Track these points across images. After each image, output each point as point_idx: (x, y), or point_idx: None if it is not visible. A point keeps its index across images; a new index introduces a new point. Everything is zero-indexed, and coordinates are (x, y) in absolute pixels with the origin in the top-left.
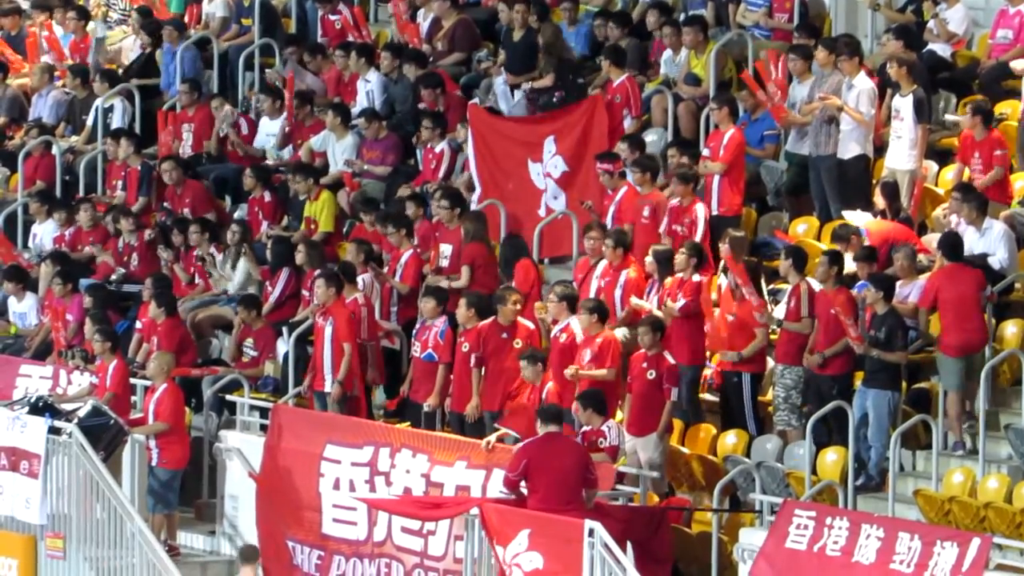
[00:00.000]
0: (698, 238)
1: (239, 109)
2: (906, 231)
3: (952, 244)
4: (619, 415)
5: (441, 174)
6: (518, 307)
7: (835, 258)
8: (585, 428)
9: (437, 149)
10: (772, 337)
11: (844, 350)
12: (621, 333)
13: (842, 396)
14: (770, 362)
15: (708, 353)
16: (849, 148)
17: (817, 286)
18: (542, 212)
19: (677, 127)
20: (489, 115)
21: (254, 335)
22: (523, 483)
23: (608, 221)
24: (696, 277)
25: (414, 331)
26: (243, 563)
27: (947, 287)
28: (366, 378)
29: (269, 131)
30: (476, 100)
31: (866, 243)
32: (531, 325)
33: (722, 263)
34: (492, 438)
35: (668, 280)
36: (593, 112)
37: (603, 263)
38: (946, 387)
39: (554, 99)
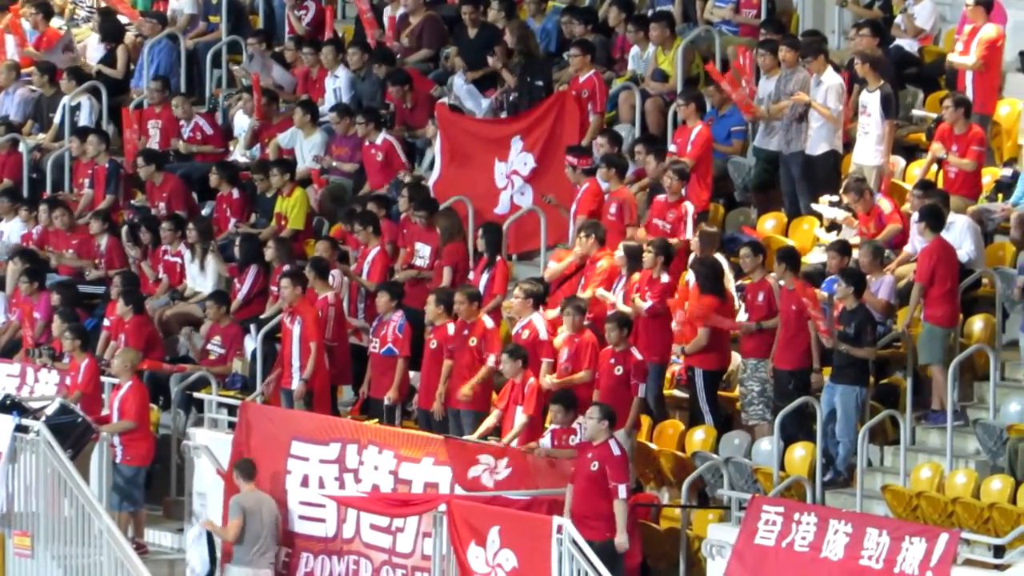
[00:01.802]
0: (686, 235)
1: (207, 107)
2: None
3: (937, 216)
4: None
5: (396, 163)
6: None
7: (784, 255)
8: (556, 425)
9: (378, 141)
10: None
11: (804, 345)
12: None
13: (801, 392)
14: (736, 358)
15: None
16: (818, 144)
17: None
18: (499, 210)
19: (644, 123)
20: (455, 114)
21: (221, 332)
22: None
23: (572, 215)
24: (664, 277)
25: (372, 328)
26: (244, 480)
27: (942, 260)
28: (333, 376)
29: (243, 126)
30: (444, 99)
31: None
32: (490, 323)
33: (691, 257)
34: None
35: (636, 276)
36: (562, 107)
37: (599, 264)
38: (932, 361)
39: (510, 98)
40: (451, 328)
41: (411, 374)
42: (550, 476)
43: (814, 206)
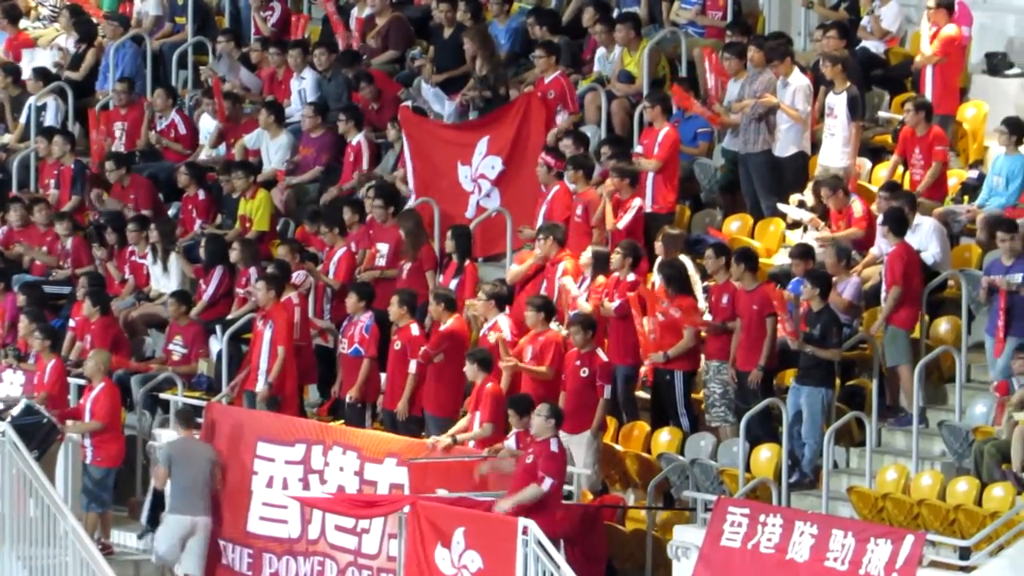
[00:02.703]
0: (620, 225)
1: (176, 106)
2: None
3: (900, 220)
4: None
5: (364, 166)
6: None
7: (743, 256)
8: (520, 428)
9: (354, 142)
10: (703, 334)
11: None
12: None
13: (765, 392)
14: (702, 359)
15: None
16: (787, 146)
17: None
18: (468, 214)
19: (611, 124)
20: (419, 117)
21: (182, 332)
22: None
23: (539, 218)
24: (631, 277)
25: (341, 328)
26: (181, 427)
27: (909, 263)
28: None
29: (209, 128)
30: (408, 101)
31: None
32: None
33: (658, 260)
34: (444, 439)
35: (601, 279)
36: (528, 109)
37: (561, 265)
38: (902, 362)
39: (480, 103)
40: (414, 329)
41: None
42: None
43: (780, 206)
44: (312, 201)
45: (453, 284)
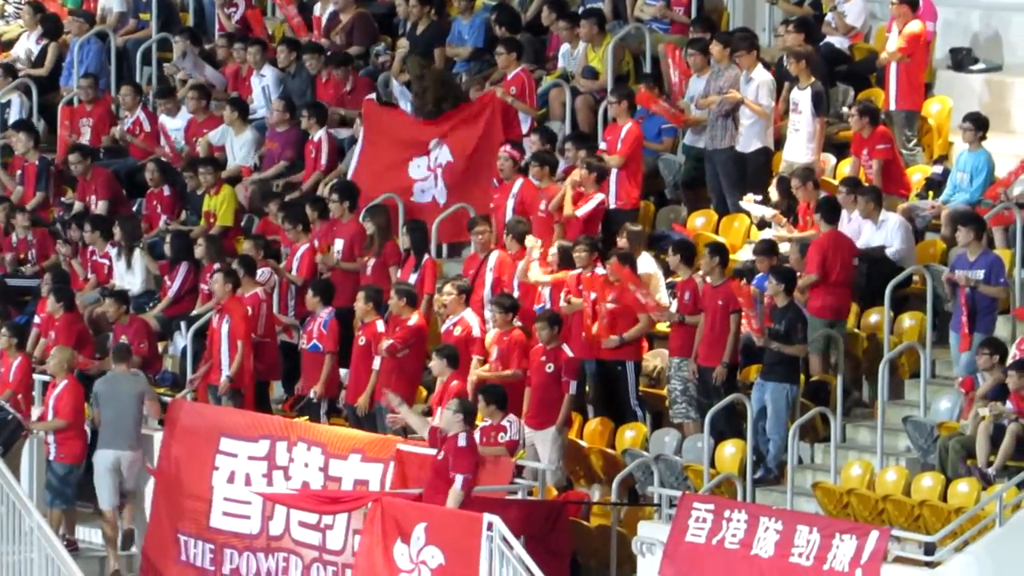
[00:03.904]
0: (579, 213)
1: (141, 103)
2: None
3: (832, 208)
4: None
5: (323, 162)
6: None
7: (717, 250)
8: (485, 423)
9: (315, 138)
10: (664, 329)
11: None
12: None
13: (729, 388)
14: (663, 354)
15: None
16: (751, 142)
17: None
18: (416, 199)
19: (575, 121)
20: (384, 110)
21: (125, 330)
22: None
23: (508, 212)
24: (600, 270)
25: (303, 324)
26: (116, 362)
27: (834, 252)
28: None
29: (172, 126)
30: (371, 95)
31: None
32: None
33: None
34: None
35: (566, 273)
36: (491, 109)
37: (495, 256)
38: (814, 350)
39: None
40: (380, 325)
41: (342, 372)
42: (479, 474)
43: (741, 203)
44: (276, 195)
45: (412, 279)
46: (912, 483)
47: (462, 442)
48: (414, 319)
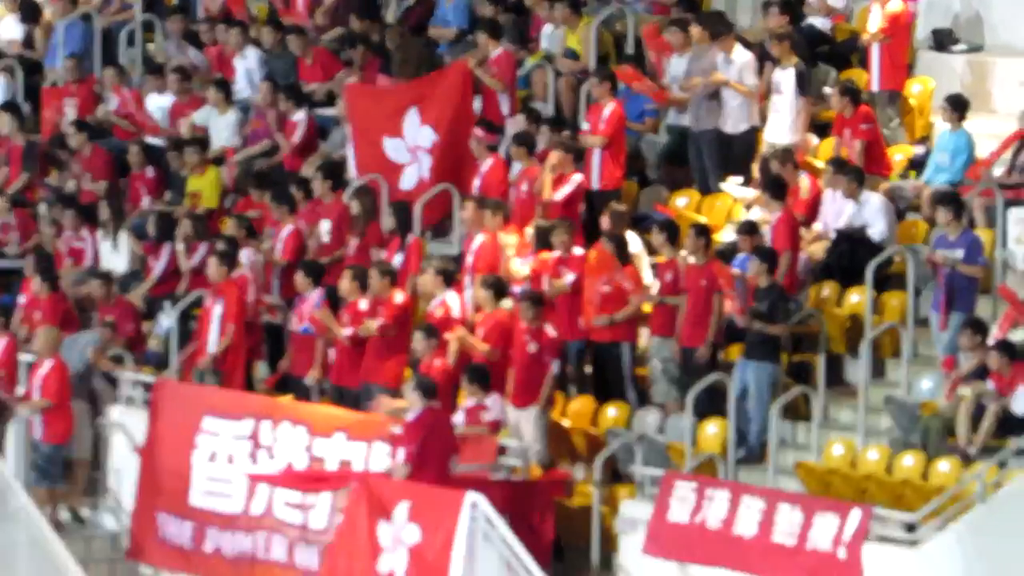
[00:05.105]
0: (557, 196)
1: (127, 85)
2: None
3: (780, 185)
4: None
5: (296, 140)
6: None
7: (702, 231)
8: (469, 402)
9: (293, 119)
10: (646, 309)
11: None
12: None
13: (711, 369)
14: (644, 334)
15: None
16: (738, 123)
17: (690, 259)
18: (404, 186)
19: (559, 101)
20: (363, 87)
21: (110, 310)
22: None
23: (474, 192)
24: (579, 251)
25: (293, 305)
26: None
27: (796, 227)
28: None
29: (158, 105)
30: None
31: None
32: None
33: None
34: (395, 403)
35: (546, 255)
36: (462, 79)
37: (479, 239)
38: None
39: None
40: (363, 304)
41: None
42: (461, 454)
43: (723, 185)
44: (263, 175)
45: (397, 260)
46: (894, 462)
47: (410, 416)
48: (399, 297)
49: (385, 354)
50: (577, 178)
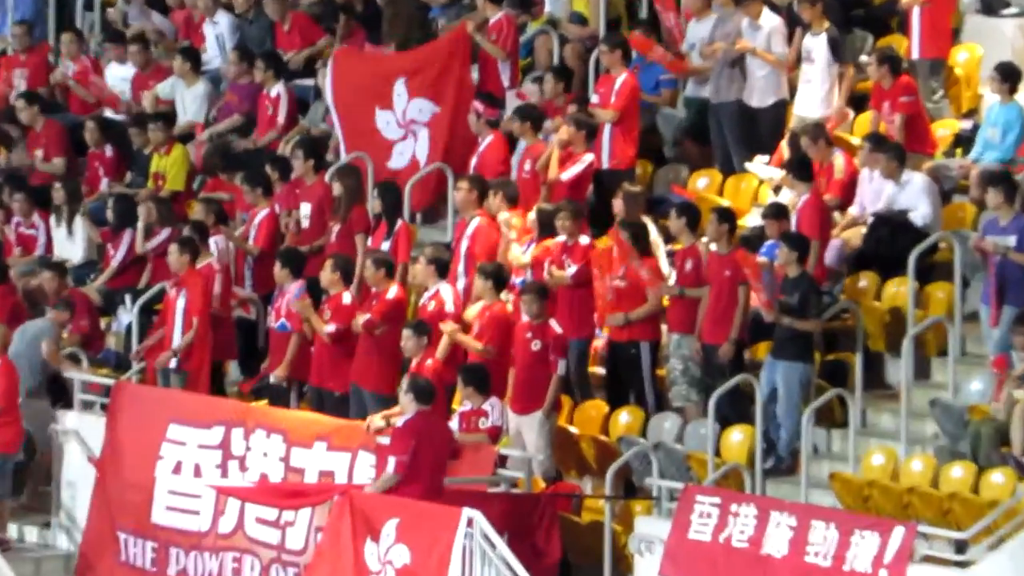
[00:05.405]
0: (564, 177)
1: (85, 52)
2: None
3: (806, 165)
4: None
5: (281, 120)
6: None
7: (726, 215)
8: (464, 407)
9: (272, 93)
10: (663, 303)
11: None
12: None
13: (736, 369)
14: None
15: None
16: (765, 96)
17: (712, 247)
18: (393, 164)
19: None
20: (352, 52)
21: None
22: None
23: (471, 171)
24: (584, 240)
25: (271, 299)
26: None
27: (826, 212)
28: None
29: (120, 75)
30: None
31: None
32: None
33: (617, 220)
34: (378, 420)
35: (550, 242)
36: (460, 46)
37: (475, 222)
38: None
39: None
40: (346, 297)
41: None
42: (457, 465)
43: (748, 165)
44: (234, 155)
45: (384, 247)
46: (940, 473)
47: (399, 422)
48: (392, 292)
49: (376, 354)
50: (588, 158)
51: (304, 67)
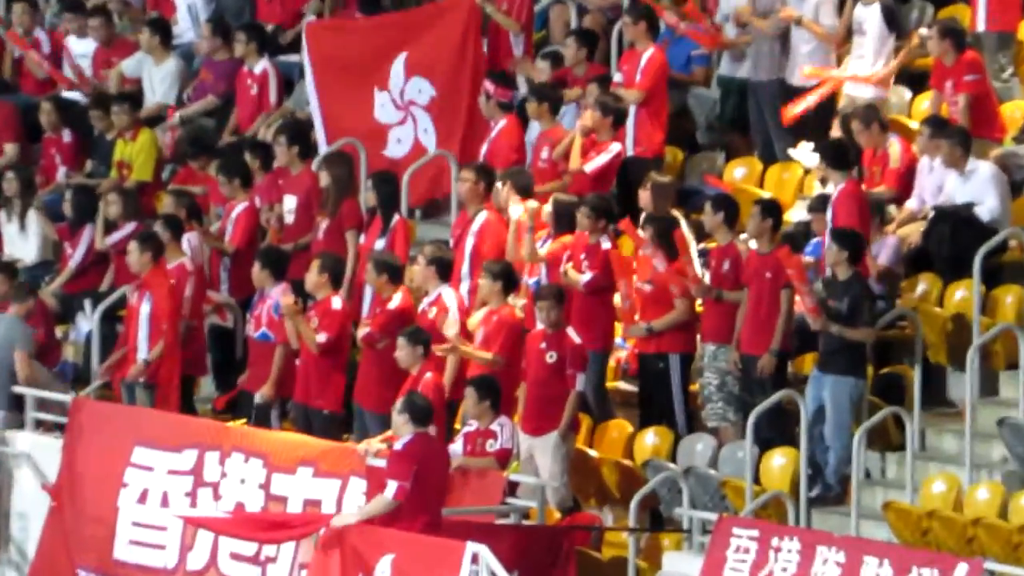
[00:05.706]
0: (588, 168)
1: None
2: None
3: (840, 152)
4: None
5: (271, 101)
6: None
7: (769, 209)
8: (470, 427)
9: (256, 70)
10: (696, 309)
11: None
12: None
13: (777, 384)
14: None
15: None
16: None
17: (752, 244)
18: (390, 152)
19: None
20: (334, 29)
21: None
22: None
23: (481, 159)
24: (606, 243)
25: (251, 305)
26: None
27: (865, 203)
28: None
29: (80, 51)
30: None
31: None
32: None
33: (642, 217)
34: (376, 444)
35: (568, 239)
36: (466, 16)
37: (481, 217)
38: None
39: None
40: (336, 302)
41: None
42: (460, 493)
43: (792, 152)
44: (210, 142)
45: (379, 245)
46: (1010, 503)
47: (398, 445)
48: (396, 300)
49: (378, 370)
50: (615, 148)
51: (288, 41)
